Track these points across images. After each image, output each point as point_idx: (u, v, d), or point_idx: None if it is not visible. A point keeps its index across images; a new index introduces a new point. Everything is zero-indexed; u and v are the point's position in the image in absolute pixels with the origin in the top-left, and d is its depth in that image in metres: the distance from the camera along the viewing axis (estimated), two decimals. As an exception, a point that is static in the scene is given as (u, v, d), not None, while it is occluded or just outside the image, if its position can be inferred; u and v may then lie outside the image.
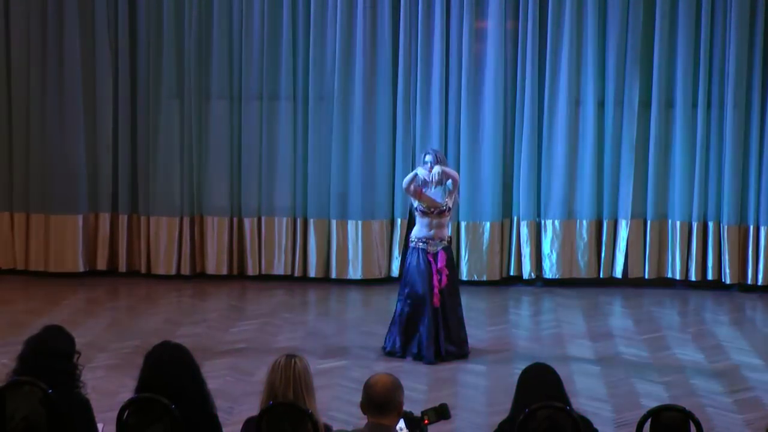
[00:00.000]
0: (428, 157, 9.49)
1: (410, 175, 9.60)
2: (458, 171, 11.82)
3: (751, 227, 11.89)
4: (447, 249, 9.58)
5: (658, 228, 12.03)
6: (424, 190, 9.46)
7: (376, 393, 5.13)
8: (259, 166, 12.11)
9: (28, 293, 11.70)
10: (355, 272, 12.12)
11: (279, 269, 12.17)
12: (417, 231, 9.57)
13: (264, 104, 12.04)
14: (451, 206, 9.55)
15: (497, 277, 12.08)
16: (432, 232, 9.48)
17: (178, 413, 5.32)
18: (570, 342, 10.17)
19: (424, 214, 9.50)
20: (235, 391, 8.52)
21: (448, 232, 9.71)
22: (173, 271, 12.15)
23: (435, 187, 9.42)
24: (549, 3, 11.81)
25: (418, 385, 8.67)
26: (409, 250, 9.62)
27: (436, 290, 9.41)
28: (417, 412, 5.21)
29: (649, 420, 5.32)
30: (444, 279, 9.46)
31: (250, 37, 11.97)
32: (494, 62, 11.88)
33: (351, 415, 7.73)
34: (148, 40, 11.99)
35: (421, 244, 9.50)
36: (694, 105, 11.84)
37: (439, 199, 9.46)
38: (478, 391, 8.78)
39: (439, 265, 9.46)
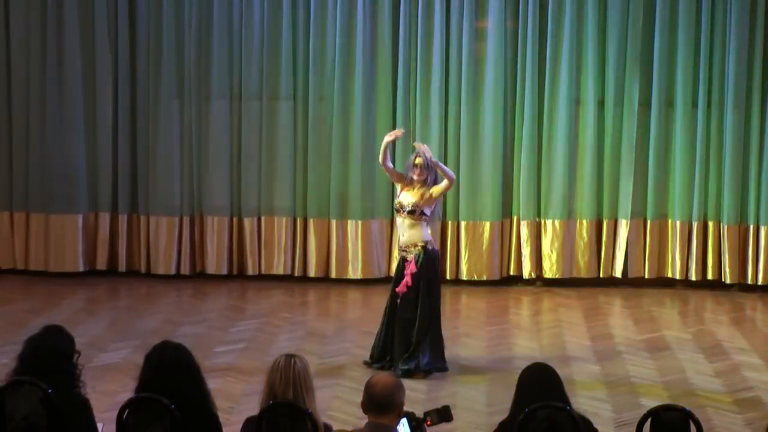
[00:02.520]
0: (419, 160, 8.91)
1: (382, 147, 9.05)
2: (458, 171, 11.85)
3: (751, 227, 11.88)
4: (421, 255, 8.89)
5: (658, 228, 12.03)
6: (405, 186, 8.93)
7: (377, 393, 5.13)
8: (259, 166, 12.11)
9: (28, 293, 11.69)
10: (354, 272, 12.11)
11: (279, 269, 12.16)
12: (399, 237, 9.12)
13: (264, 104, 12.04)
14: (427, 213, 8.93)
15: (497, 277, 12.07)
16: (405, 237, 8.93)
17: (178, 413, 5.32)
18: (570, 342, 10.17)
19: (396, 212, 9.03)
20: (235, 391, 8.52)
21: (426, 234, 8.95)
22: (173, 271, 12.15)
23: (418, 186, 8.90)
24: (549, 3, 11.80)
25: (417, 384, 8.67)
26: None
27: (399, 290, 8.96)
28: (417, 413, 5.21)
29: (649, 420, 5.32)
30: (404, 285, 8.92)
31: (250, 37, 11.97)
32: (494, 62, 11.88)
33: (351, 415, 7.73)
34: (148, 40, 11.99)
35: (402, 252, 9.02)
36: (694, 105, 11.84)
37: (410, 198, 8.90)
38: (478, 391, 8.77)
39: (406, 272, 8.91)
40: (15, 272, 12.26)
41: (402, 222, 8.97)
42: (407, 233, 8.93)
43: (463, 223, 12.04)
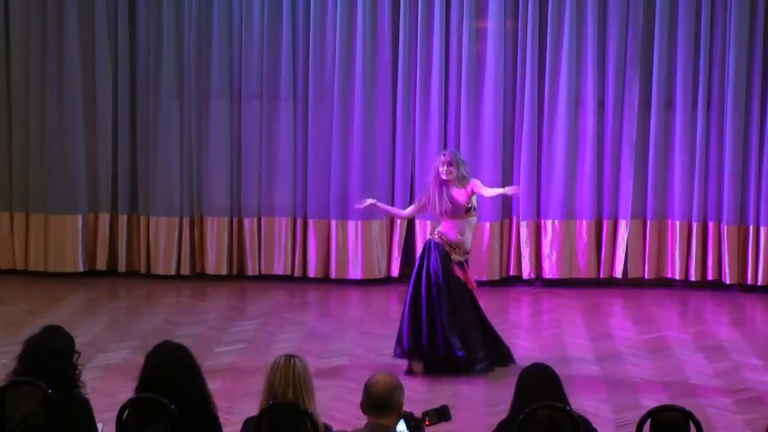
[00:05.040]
0: (445, 158, 9.06)
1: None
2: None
3: (751, 227, 11.88)
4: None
5: (658, 228, 12.03)
6: (439, 195, 9.04)
7: (376, 393, 5.13)
8: (259, 166, 12.11)
9: (28, 293, 11.70)
10: (354, 272, 12.11)
11: (279, 269, 12.16)
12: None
13: (264, 104, 12.04)
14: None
15: (497, 277, 12.07)
16: (463, 237, 9.14)
17: (177, 413, 5.32)
18: (570, 342, 10.17)
19: (446, 215, 9.12)
20: (235, 391, 8.52)
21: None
22: (173, 271, 12.15)
23: (456, 185, 9.07)
24: (549, 3, 11.80)
25: (417, 385, 8.67)
26: None
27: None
28: (416, 413, 5.20)
29: (649, 420, 5.32)
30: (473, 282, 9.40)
31: (250, 37, 11.97)
32: (494, 62, 11.88)
33: (351, 415, 7.73)
34: (148, 40, 12.00)
35: (447, 247, 9.13)
36: (694, 105, 11.84)
37: (460, 199, 9.09)
38: (478, 391, 8.78)
39: (459, 271, 9.21)
40: (15, 272, 12.27)
41: (456, 222, 9.10)
42: (467, 234, 9.15)
43: (463, 223, 12.03)
